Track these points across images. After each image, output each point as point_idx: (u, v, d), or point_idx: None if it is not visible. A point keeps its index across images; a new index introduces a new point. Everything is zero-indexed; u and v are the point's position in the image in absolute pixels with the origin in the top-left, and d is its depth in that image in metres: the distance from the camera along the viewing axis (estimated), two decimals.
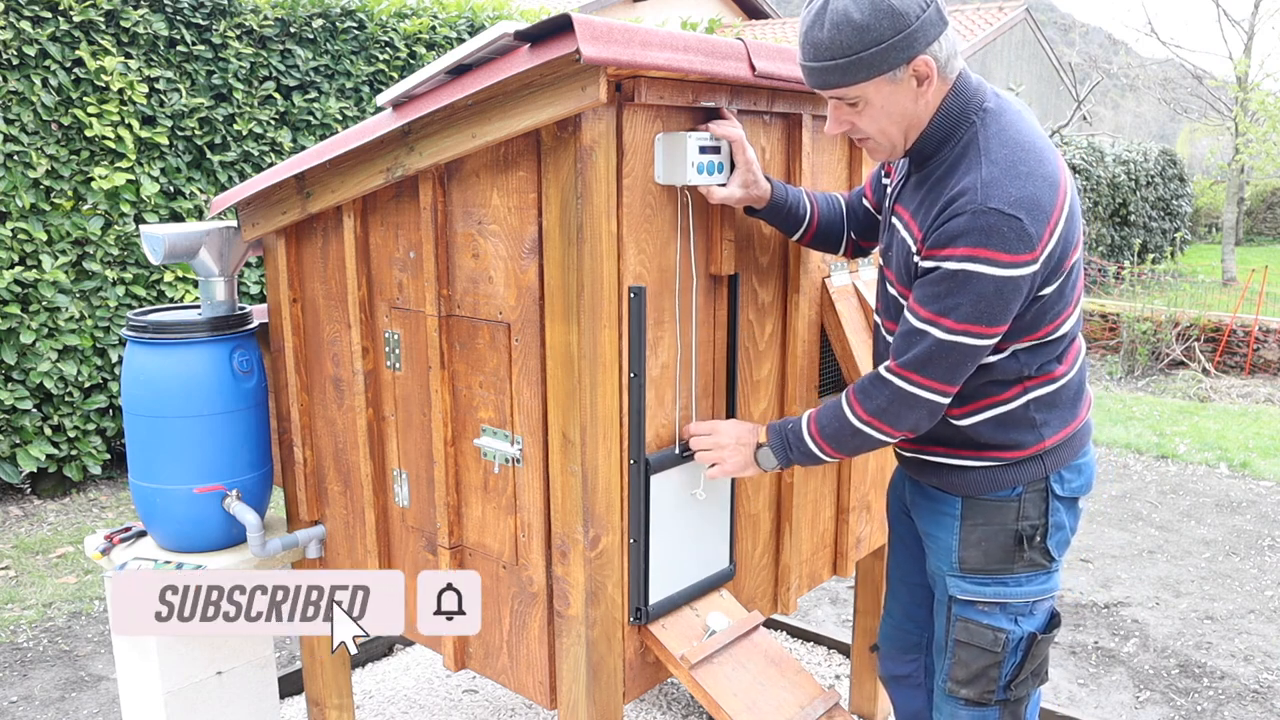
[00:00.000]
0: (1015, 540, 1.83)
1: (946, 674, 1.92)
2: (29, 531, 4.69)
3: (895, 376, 1.71)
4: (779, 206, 1.97)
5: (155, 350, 2.26)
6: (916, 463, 1.94)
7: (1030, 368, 1.76)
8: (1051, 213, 1.62)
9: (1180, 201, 16.42)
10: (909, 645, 2.20)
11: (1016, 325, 1.69)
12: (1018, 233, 1.57)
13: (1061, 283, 1.70)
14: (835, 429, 1.80)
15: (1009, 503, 1.83)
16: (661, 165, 1.81)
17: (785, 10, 29.26)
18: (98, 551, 2.36)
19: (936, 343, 1.65)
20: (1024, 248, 1.58)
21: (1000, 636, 1.84)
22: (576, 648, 1.85)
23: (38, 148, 4.65)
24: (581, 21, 1.48)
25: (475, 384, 1.95)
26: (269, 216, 2.27)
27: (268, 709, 2.49)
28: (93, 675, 3.37)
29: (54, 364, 4.81)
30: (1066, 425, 1.83)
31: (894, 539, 2.20)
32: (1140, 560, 4.45)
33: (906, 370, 1.69)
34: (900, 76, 1.62)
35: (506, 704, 3.08)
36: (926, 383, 1.69)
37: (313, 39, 5.59)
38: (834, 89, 1.66)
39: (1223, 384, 8.16)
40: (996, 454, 1.82)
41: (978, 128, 1.67)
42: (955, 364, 1.67)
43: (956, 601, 1.88)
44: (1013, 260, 1.59)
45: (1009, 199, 1.58)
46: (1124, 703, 3.21)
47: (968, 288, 1.60)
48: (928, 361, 1.67)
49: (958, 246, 1.60)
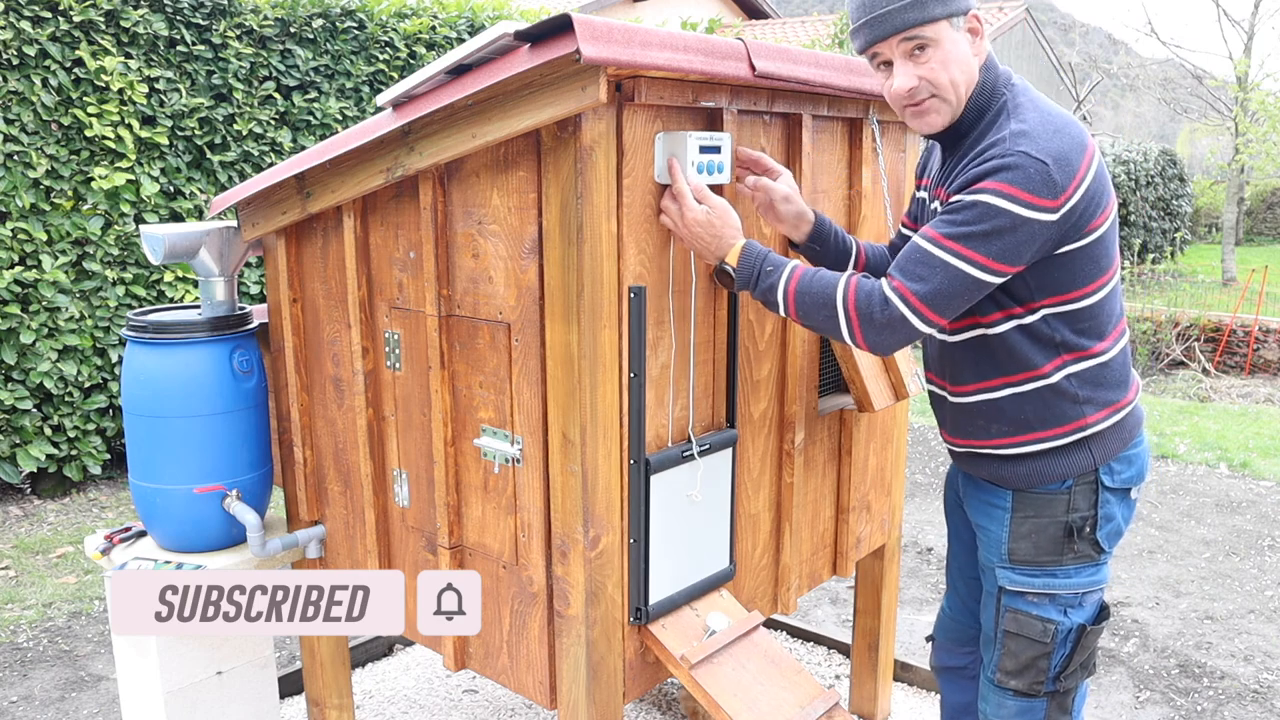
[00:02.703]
0: (1065, 532, 1.83)
1: (995, 665, 1.92)
2: (29, 531, 4.69)
3: (890, 289, 1.69)
4: (823, 236, 2.01)
5: (155, 350, 2.26)
6: (968, 456, 1.94)
7: (1065, 336, 1.76)
8: (1078, 169, 1.63)
9: (1180, 201, 16.42)
10: (965, 638, 2.21)
11: (1044, 280, 1.70)
12: (1043, 176, 1.60)
13: (1090, 245, 1.70)
14: (814, 298, 1.74)
15: (1059, 495, 1.83)
16: (662, 165, 1.81)
17: (785, 10, 29.26)
18: (98, 551, 2.37)
19: (939, 264, 1.64)
20: (1047, 193, 1.60)
21: (1050, 628, 1.85)
22: (576, 648, 1.85)
23: (38, 148, 4.66)
24: (581, 21, 1.48)
25: (475, 384, 1.95)
26: (269, 216, 2.27)
27: (268, 709, 2.49)
28: (93, 675, 3.37)
29: (54, 364, 4.81)
30: (1110, 406, 1.81)
31: (951, 534, 2.21)
32: (1140, 560, 4.45)
33: (899, 283, 1.68)
34: (960, 25, 1.71)
35: (506, 704, 3.08)
36: (915, 302, 1.66)
37: (313, 39, 5.59)
38: (910, 28, 1.68)
39: (1223, 384, 8.16)
40: (1039, 435, 1.81)
41: (1008, 98, 1.74)
42: (953, 293, 1.66)
43: (1006, 593, 1.89)
44: (1034, 202, 1.60)
45: (1037, 147, 1.62)
46: (1124, 703, 3.21)
47: (985, 218, 1.61)
48: (927, 282, 1.65)
49: (981, 182, 1.63)
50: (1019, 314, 1.76)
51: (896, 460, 2.72)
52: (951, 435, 1.97)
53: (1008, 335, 1.78)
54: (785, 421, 2.24)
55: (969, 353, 1.85)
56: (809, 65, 1.97)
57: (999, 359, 1.80)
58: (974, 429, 1.89)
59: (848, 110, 2.26)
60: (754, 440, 2.17)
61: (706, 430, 2.03)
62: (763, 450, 2.20)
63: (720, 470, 2.05)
